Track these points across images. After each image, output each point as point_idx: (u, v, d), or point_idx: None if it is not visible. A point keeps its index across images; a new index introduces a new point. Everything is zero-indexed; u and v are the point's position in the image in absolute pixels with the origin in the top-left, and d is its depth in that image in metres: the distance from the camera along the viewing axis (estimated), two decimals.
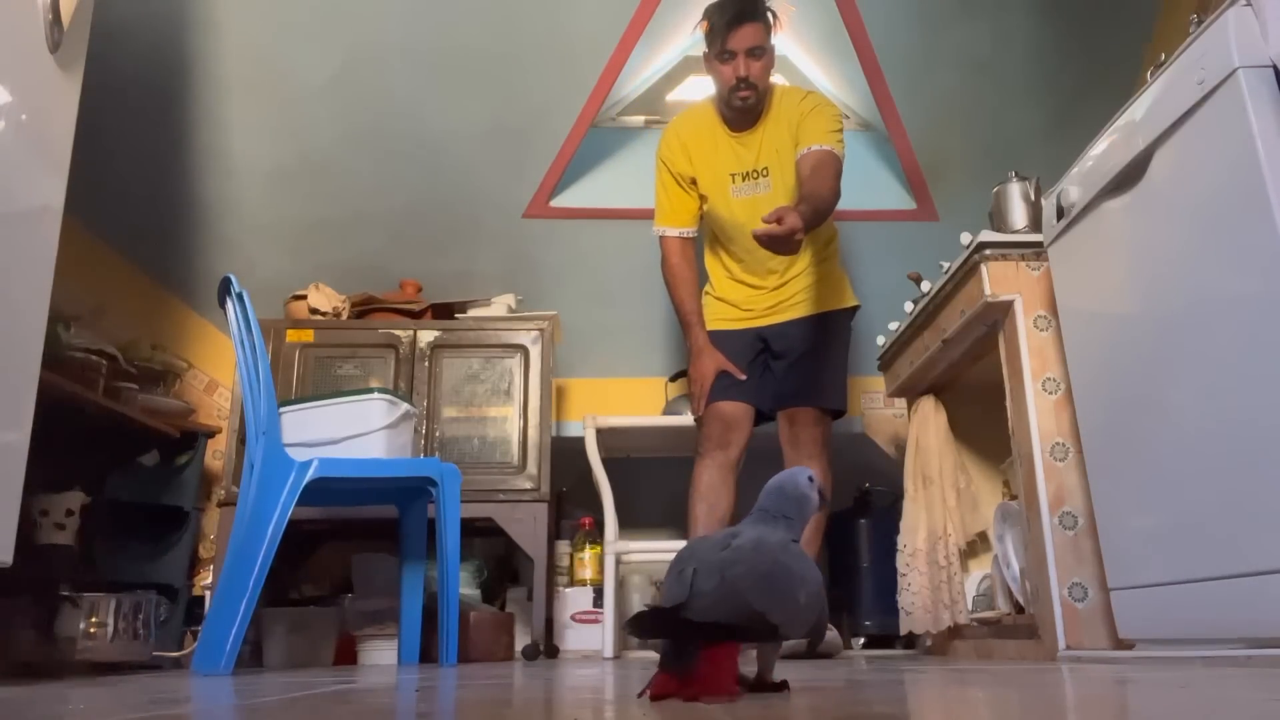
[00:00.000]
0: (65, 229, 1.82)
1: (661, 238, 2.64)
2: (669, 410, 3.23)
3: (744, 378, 2.54)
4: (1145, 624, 1.72)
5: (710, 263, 2.73)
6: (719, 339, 2.62)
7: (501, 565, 3.37)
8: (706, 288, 2.72)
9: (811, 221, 2.19)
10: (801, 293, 2.59)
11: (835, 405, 2.59)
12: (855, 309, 2.69)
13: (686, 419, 2.82)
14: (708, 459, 2.53)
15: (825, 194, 2.30)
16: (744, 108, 2.51)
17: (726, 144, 2.58)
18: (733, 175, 2.57)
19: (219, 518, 2.92)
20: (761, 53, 2.46)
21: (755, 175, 2.56)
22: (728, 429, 2.53)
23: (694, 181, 2.61)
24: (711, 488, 2.51)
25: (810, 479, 1.17)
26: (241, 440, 2.76)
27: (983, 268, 2.15)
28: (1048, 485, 2.02)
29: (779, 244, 2.06)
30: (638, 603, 3.47)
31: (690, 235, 2.65)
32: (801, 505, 1.14)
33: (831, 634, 2.30)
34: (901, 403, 3.09)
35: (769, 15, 2.50)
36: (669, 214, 2.64)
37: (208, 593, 2.98)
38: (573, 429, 3.49)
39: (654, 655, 2.25)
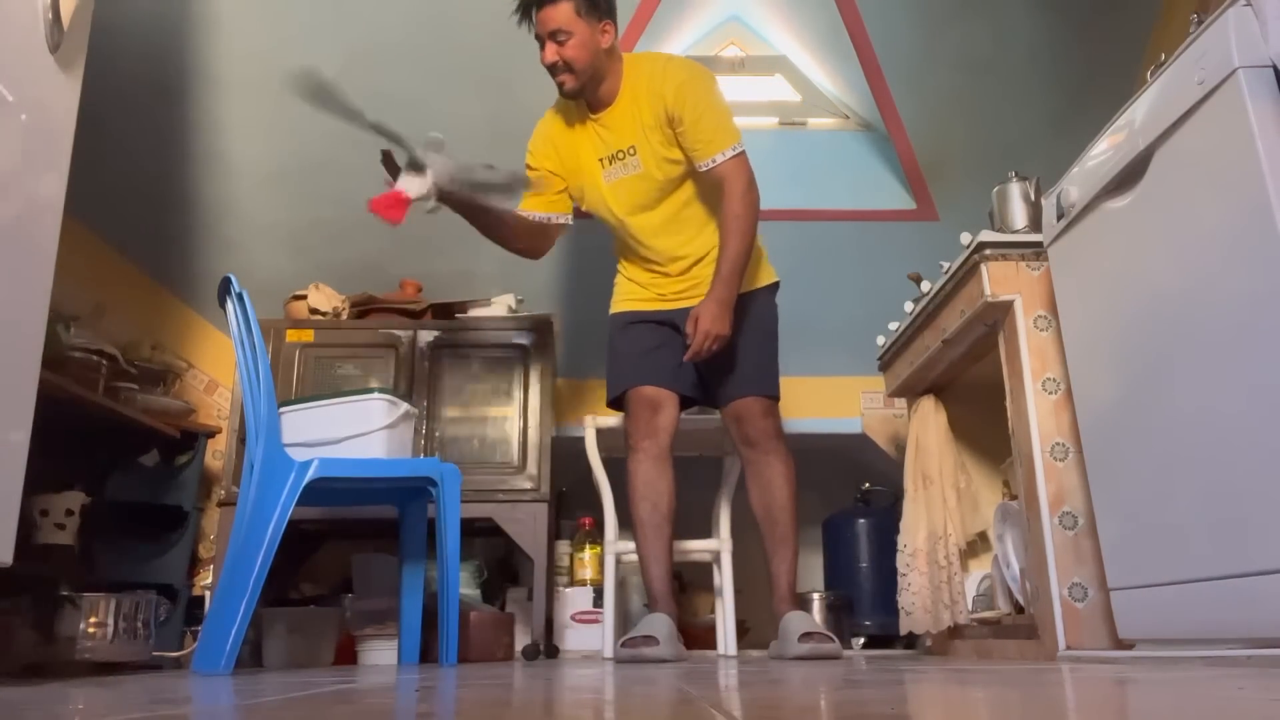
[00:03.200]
0: (65, 229, 1.82)
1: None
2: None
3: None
4: (1145, 624, 1.73)
5: (618, 253, 2.67)
6: (627, 319, 2.57)
7: (501, 565, 3.37)
8: (619, 268, 2.67)
9: (734, 287, 2.31)
10: (710, 277, 2.41)
11: (769, 392, 2.47)
12: (775, 286, 2.58)
13: (687, 419, 2.81)
14: (639, 452, 2.46)
15: (737, 247, 2.31)
16: (570, 93, 2.40)
17: (588, 129, 2.48)
18: (600, 160, 2.47)
19: (219, 518, 2.92)
20: (568, 35, 2.32)
21: (623, 155, 2.45)
22: (654, 412, 2.46)
23: (565, 183, 2.53)
24: (650, 484, 2.45)
25: None
26: (241, 440, 2.76)
27: (983, 268, 2.15)
28: (1048, 485, 2.02)
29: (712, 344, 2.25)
30: (637, 603, 3.47)
31: (531, 216, 2.51)
32: None
33: (834, 644, 2.28)
34: (901, 403, 3.09)
35: None
36: (523, 201, 2.52)
37: (208, 593, 2.98)
38: (573, 429, 3.49)
39: (649, 658, 2.25)
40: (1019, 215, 2.28)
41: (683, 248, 2.51)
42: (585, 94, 2.41)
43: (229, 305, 2.11)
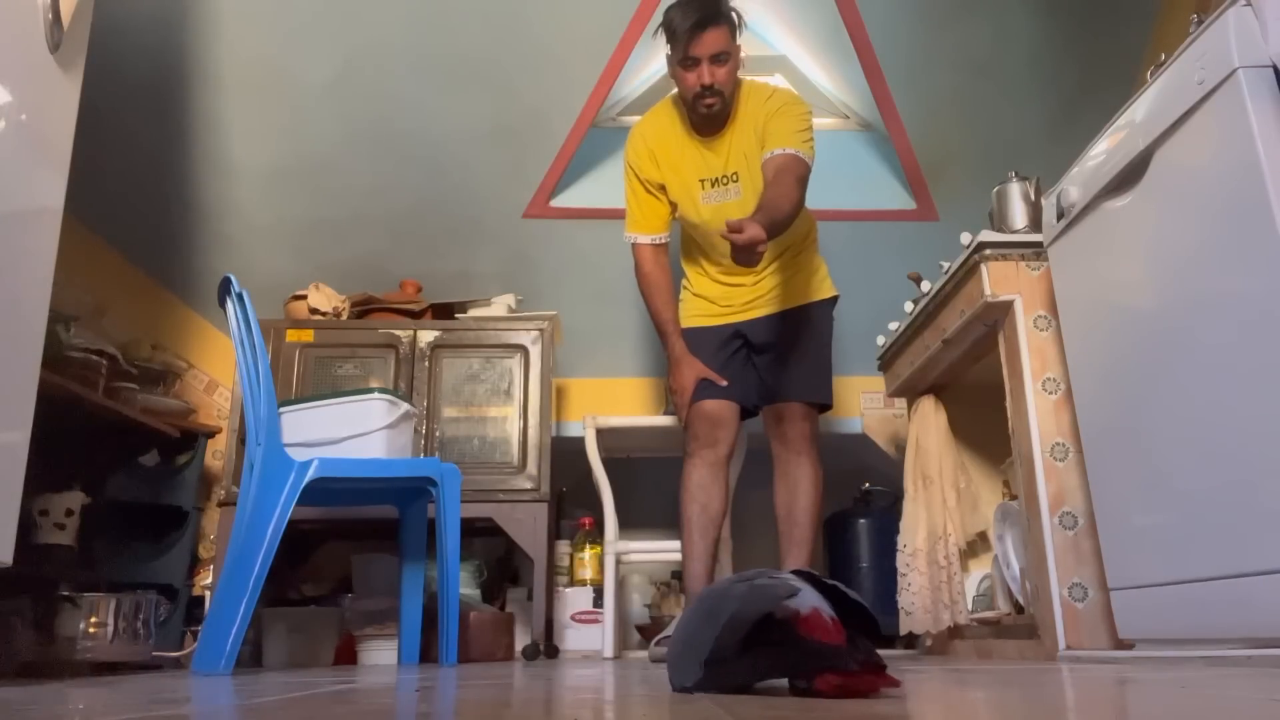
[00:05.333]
0: (65, 229, 1.82)
1: (633, 245, 2.59)
2: (669, 410, 3.24)
3: (725, 384, 2.50)
4: (1145, 624, 1.72)
5: (686, 263, 2.70)
6: (698, 335, 2.58)
7: (501, 565, 3.37)
8: (684, 283, 2.69)
9: (770, 232, 2.12)
10: (779, 287, 2.55)
11: (820, 399, 2.56)
12: (834, 300, 2.65)
13: None
14: (696, 458, 2.51)
15: (783, 204, 2.20)
16: (710, 115, 2.43)
17: (693, 149, 2.51)
18: (701, 181, 2.51)
19: (219, 518, 2.92)
20: (726, 58, 2.36)
21: (725, 181, 2.49)
22: (714, 426, 2.51)
23: (663, 188, 2.56)
24: (702, 486, 2.49)
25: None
26: (241, 440, 2.76)
27: (983, 268, 2.15)
28: (1048, 485, 2.02)
29: (741, 254, 2.03)
30: (638, 603, 3.47)
31: (662, 241, 2.59)
32: None
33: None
34: (901, 403, 3.09)
35: (734, 17, 2.41)
36: (639, 221, 2.57)
37: (208, 593, 2.98)
38: (573, 429, 3.49)
39: (650, 657, 2.26)
40: (1019, 215, 2.28)
41: (764, 265, 2.53)
42: (717, 118, 2.45)
43: (229, 305, 2.11)
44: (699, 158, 2.50)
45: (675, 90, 2.55)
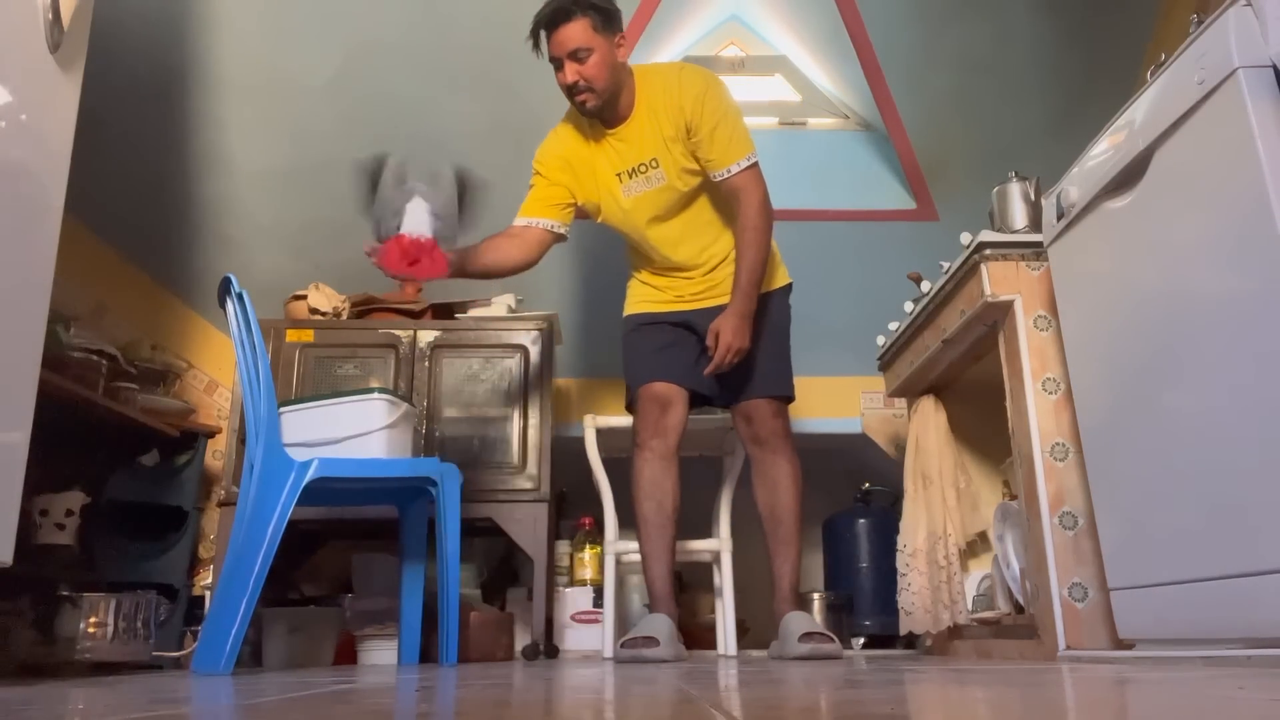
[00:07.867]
0: (65, 229, 1.82)
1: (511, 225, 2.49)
2: None
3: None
4: (1145, 624, 1.73)
5: (633, 256, 2.66)
6: (641, 320, 2.56)
7: (501, 565, 3.37)
8: (631, 273, 2.66)
9: (759, 285, 2.34)
10: (730, 277, 2.44)
11: (782, 392, 2.50)
12: (789, 287, 2.60)
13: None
14: (646, 450, 2.47)
15: (757, 257, 2.33)
16: (591, 112, 2.36)
17: (605, 144, 2.44)
18: (619, 175, 2.43)
19: (219, 518, 2.92)
20: (588, 53, 2.28)
21: (645, 169, 2.42)
22: (663, 411, 2.47)
23: (573, 197, 2.48)
24: (655, 483, 2.45)
25: None
26: (241, 440, 2.76)
27: (983, 268, 2.15)
28: (1048, 485, 2.02)
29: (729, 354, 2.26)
30: (637, 602, 3.47)
31: (526, 223, 2.46)
32: None
33: (834, 644, 2.29)
34: (901, 403, 3.09)
35: (596, 8, 2.30)
36: (525, 206, 2.49)
37: (208, 593, 2.98)
38: (573, 429, 3.49)
39: (649, 659, 2.25)
40: (1019, 215, 2.28)
41: (702, 254, 2.52)
42: (604, 111, 2.37)
43: (229, 305, 2.11)
44: (612, 151, 2.44)
45: None
